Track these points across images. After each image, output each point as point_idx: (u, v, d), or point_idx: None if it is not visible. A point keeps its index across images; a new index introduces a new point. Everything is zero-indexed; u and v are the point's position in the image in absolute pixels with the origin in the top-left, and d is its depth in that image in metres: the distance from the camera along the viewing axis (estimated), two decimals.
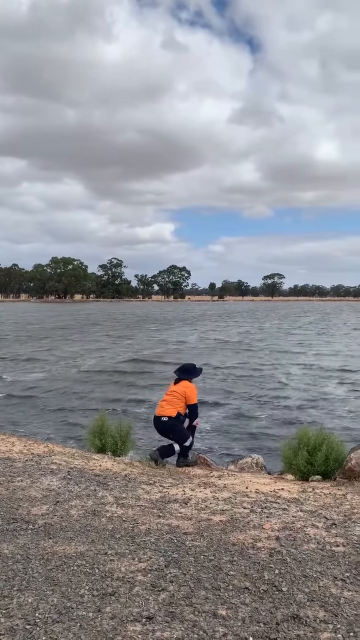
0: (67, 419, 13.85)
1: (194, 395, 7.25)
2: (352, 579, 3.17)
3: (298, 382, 19.03)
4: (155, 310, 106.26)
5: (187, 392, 7.18)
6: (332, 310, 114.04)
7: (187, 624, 2.68)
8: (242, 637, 2.57)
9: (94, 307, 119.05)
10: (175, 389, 7.26)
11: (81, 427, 10.97)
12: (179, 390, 7.21)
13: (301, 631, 2.62)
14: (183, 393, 7.16)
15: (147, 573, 3.23)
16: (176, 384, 7.36)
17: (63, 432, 12.46)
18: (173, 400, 7.13)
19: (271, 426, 12.82)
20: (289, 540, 3.79)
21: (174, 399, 7.15)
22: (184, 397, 7.14)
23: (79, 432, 11.39)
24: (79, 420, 13.00)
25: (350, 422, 13.26)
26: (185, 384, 7.30)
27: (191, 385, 7.33)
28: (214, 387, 17.85)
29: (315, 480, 6.18)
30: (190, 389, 7.25)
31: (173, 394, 7.20)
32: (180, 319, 70.44)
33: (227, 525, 4.08)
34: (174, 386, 7.34)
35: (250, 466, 7.27)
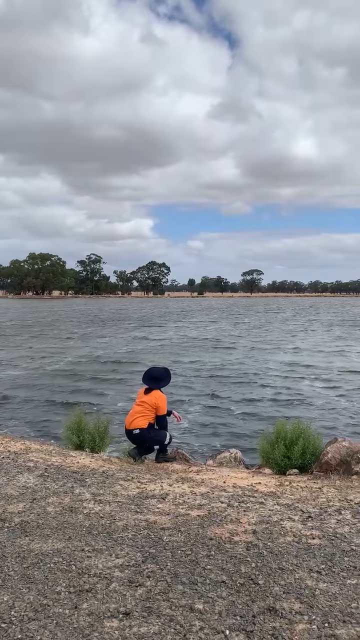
0: (44, 416, 13.75)
1: (165, 406, 7.03)
2: (327, 570, 3.21)
3: (275, 377, 19.17)
4: (133, 307, 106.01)
5: (159, 403, 6.95)
6: (309, 306, 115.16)
7: (164, 618, 2.68)
8: (219, 630, 2.58)
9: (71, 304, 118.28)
10: (145, 400, 6.99)
11: (59, 425, 10.90)
12: (149, 401, 6.96)
13: (277, 623, 2.64)
14: (154, 405, 6.93)
15: (124, 569, 3.23)
16: (146, 393, 7.09)
17: (40, 429, 12.36)
18: (143, 412, 6.92)
19: (250, 421, 12.91)
20: (266, 533, 3.82)
21: (145, 410, 6.93)
22: (155, 408, 6.94)
23: (56, 429, 11.31)
24: (57, 418, 12.91)
25: (327, 416, 13.42)
26: (156, 394, 7.05)
27: (162, 396, 7.08)
28: (192, 383, 17.89)
29: (293, 473, 6.24)
30: (162, 399, 7.02)
31: (143, 405, 6.96)
32: (159, 316, 70.39)
33: (205, 520, 4.10)
34: (144, 396, 7.07)
35: (228, 461, 7.30)
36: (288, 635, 2.54)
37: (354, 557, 3.41)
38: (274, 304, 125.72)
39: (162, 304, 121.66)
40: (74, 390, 17.23)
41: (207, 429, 12.11)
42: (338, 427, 12.24)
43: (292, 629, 2.59)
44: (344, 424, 12.61)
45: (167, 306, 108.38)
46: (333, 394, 16.19)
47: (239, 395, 16.01)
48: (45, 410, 14.37)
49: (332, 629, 2.58)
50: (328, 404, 14.79)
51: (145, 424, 6.87)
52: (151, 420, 6.95)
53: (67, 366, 22.72)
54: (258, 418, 13.10)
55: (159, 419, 7.00)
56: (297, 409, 14.24)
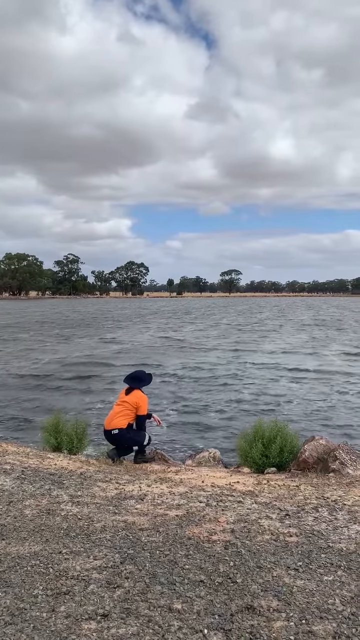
0: (20, 418, 13.60)
1: (146, 406, 7.06)
2: (305, 567, 3.24)
3: (252, 378, 19.28)
4: (110, 307, 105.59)
5: (140, 403, 6.97)
6: (286, 305, 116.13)
7: (142, 619, 2.68)
8: (197, 629, 2.59)
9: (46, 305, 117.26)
10: (126, 399, 7.01)
11: (36, 426, 10.79)
12: (130, 400, 6.98)
13: (255, 621, 2.65)
14: (135, 404, 6.95)
15: (102, 570, 3.21)
16: (127, 393, 7.10)
17: (16, 431, 12.22)
18: (124, 412, 6.92)
19: (228, 421, 12.95)
20: (244, 532, 3.83)
21: (125, 409, 6.93)
22: (136, 407, 6.95)
23: (33, 431, 11.19)
24: (34, 420, 12.78)
25: (304, 415, 13.54)
26: (137, 394, 7.07)
27: (144, 396, 7.11)
28: (170, 384, 17.88)
29: (271, 472, 6.28)
30: (143, 399, 7.04)
31: (124, 405, 6.97)
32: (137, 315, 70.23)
33: (183, 520, 4.10)
34: (125, 396, 7.08)
35: (207, 460, 7.32)
36: (266, 632, 2.55)
37: (330, 553, 3.45)
38: (252, 304, 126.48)
39: (141, 305, 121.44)
40: (50, 392, 17.07)
41: (186, 429, 12.12)
42: (315, 425, 12.36)
43: (270, 626, 2.61)
44: (320, 422, 12.74)
45: (145, 307, 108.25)
46: (309, 393, 16.35)
47: (217, 395, 16.05)
48: (21, 413, 14.22)
49: (309, 626, 2.61)
50: (305, 403, 14.92)
51: (125, 424, 6.86)
52: (131, 420, 6.94)
53: (42, 368, 22.49)
54: (236, 418, 13.15)
55: (139, 419, 6.99)
56: (275, 408, 14.33)
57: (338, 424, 12.57)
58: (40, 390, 17.16)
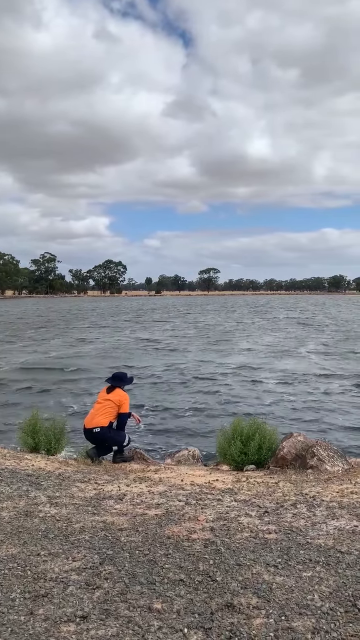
0: None
1: (128, 405, 7.09)
2: (284, 564, 3.26)
3: (230, 377, 19.35)
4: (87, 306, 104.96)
5: (122, 400, 7.00)
6: (263, 304, 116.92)
7: (122, 620, 2.66)
8: (177, 629, 2.58)
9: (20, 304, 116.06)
10: (109, 397, 7.01)
11: (12, 427, 10.66)
12: (113, 398, 6.99)
13: (235, 619, 2.66)
14: (118, 401, 6.96)
15: (81, 572, 3.18)
16: (109, 392, 7.11)
17: None
18: (106, 410, 6.92)
19: (208, 419, 12.98)
20: (223, 530, 3.84)
21: (107, 408, 6.93)
22: (118, 405, 6.96)
23: (10, 432, 11.06)
24: (10, 420, 12.64)
25: (282, 412, 13.65)
26: (119, 392, 7.10)
27: (126, 394, 7.15)
28: (147, 384, 17.84)
29: (250, 469, 6.32)
30: (125, 397, 7.08)
31: (106, 403, 6.97)
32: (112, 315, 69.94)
33: (163, 519, 4.09)
34: (106, 394, 7.08)
35: (187, 459, 7.32)
36: (246, 630, 2.56)
37: (309, 550, 3.47)
38: (229, 302, 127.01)
39: (118, 303, 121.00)
40: (24, 394, 16.89)
41: (165, 429, 12.12)
42: (293, 423, 12.47)
43: (250, 623, 2.62)
44: (298, 419, 12.86)
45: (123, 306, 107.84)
46: (287, 392, 16.49)
47: (195, 395, 16.08)
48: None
49: (288, 622, 2.62)
50: (282, 401, 15.05)
51: (107, 422, 6.86)
52: (112, 419, 6.94)
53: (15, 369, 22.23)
54: (215, 417, 13.19)
55: (121, 417, 7.01)
56: (254, 406, 14.42)
57: (316, 421, 12.70)
58: (12, 393, 16.97)
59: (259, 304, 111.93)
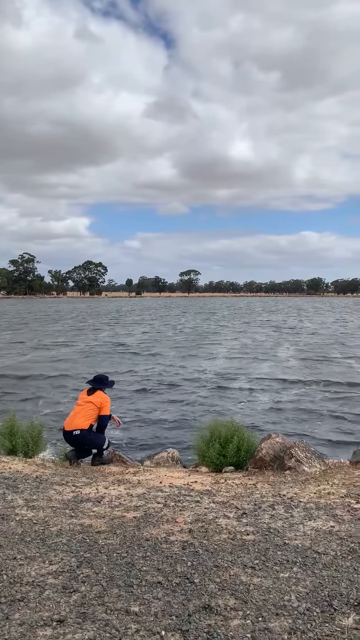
0: None
1: (109, 407, 7.08)
2: (261, 565, 3.27)
3: (209, 379, 19.38)
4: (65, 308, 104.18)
5: (104, 403, 6.97)
6: (244, 305, 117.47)
7: (99, 623, 2.64)
8: (154, 631, 2.57)
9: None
10: (90, 400, 6.98)
11: None
12: (94, 401, 6.96)
13: (212, 620, 2.66)
14: (99, 404, 6.94)
15: (58, 575, 3.16)
16: (90, 394, 7.07)
17: None
18: (87, 412, 6.89)
19: (187, 421, 12.98)
20: (201, 532, 3.84)
21: (88, 410, 6.90)
22: (99, 407, 6.93)
23: None
24: None
25: (260, 414, 13.72)
26: (101, 394, 7.08)
27: (107, 397, 7.13)
28: (127, 387, 17.77)
29: (228, 471, 6.33)
30: (107, 399, 7.06)
31: (87, 405, 6.94)
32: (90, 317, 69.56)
33: (141, 521, 4.08)
34: (87, 396, 7.05)
35: (166, 461, 7.31)
36: (223, 631, 2.56)
37: (286, 550, 3.50)
38: (209, 305, 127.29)
39: (97, 305, 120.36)
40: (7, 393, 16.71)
41: (145, 431, 12.09)
42: (271, 424, 12.55)
43: (227, 625, 2.62)
44: (277, 421, 12.94)
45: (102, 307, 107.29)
46: (265, 395, 16.58)
47: (175, 398, 16.08)
48: None
49: (265, 623, 2.63)
50: (260, 404, 15.13)
51: (87, 425, 6.82)
52: (92, 421, 6.91)
53: None
54: (195, 419, 13.20)
55: (102, 419, 6.98)
56: (232, 409, 14.47)
57: (294, 423, 12.79)
58: None
59: (238, 307, 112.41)
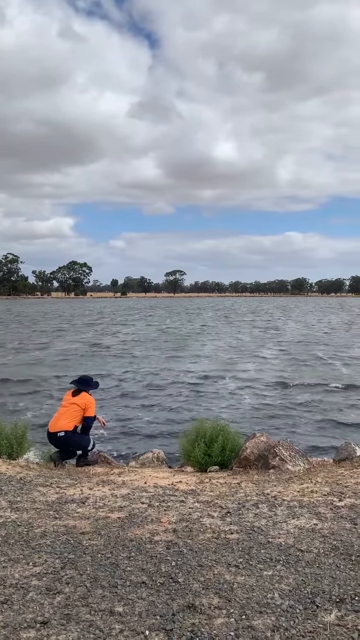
0: None
1: (94, 409, 7.08)
2: (245, 564, 3.29)
3: (194, 380, 19.41)
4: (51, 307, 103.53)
5: (88, 404, 6.97)
6: (229, 306, 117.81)
7: (83, 624, 2.64)
8: (139, 631, 2.58)
9: None
10: (75, 401, 6.97)
11: None
12: (79, 402, 6.95)
13: (196, 619, 2.67)
14: (84, 405, 6.93)
15: (42, 577, 3.15)
16: (75, 395, 7.07)
17: None
18: (71, 413, 6.88)
19: (173, 422, 13.00)
20: (186, 531, 3.86)
21: (73, 411, 6.89)
22: (84, 409, 6.92)
23: None
24: None
25: (245, 414, 13.78)
26: (85, 395, 7.07)
27: (92, 398, 7.13)
28: (111, 389, 17.73)
29: (213, 470, 6.36)
30: (91, 401, 7.06)
31: (72, 406, 6.93)
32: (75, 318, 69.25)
33: (125, 522, 4.08)
34: (72, 398, 7.04)
35: (151, 461, 7.32)
36: (207, 630, 2.58)
37: (270, 549, 3.52)
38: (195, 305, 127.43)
39: (82, 306, 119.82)
40: None
41: (130, 432, 12.08)
42: (256, 423, 12.61)
43: (211, 623, 2.64)
44: (261, 421, 13.01)
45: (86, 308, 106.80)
46: (250, 395, 16.66)
47: (161, 399, 16.08)
48: None
49: (249, 621, 2.65)
50: (245, 404, 15.19)
51: (71, 426, 6.80)
52: (77, 423, 6.89)
53: None
54: (180, 419, 13.22)
55: (86, 420, 6.96)
56: (218, 409, 14.52)
57: (278, 423, 12.87)
58: None
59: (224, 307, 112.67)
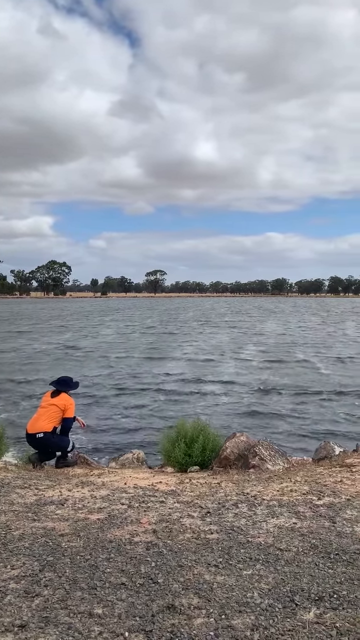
0: None
1: (73, 410, 7.03)
2: (225, 563, 3.30)
3: (173, 381, 19.41)
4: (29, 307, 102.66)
5: (67, 405, 6.92)
6: (210, 306, 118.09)
7: (62, 627, 2.62)
8: (118, 633, 2.56)
9: None
10: (54, 402, 6.91)
11: None
12: (58, 403, 6.90)
13: (176, 620, 2.67)
14: (63, 406, 6.88)
15: (20, 580, 3.11)
16: (54, 396, 7.01)
17: None
18: (50, 414, 6.82)
19: (153, 422, 12.98)
20: (166, 532, 3.85)
21: (52, 412, 6.83)
22: (63, 410, 6.87)
23: None
24: None
25: (225, 415, 13.83)
26: (65, 396, 7.02)
27: (71, 399, 7.08)
28: (91, 391, 17.63)
29: (193, 470, 6.36)
30: (71, 402, 7.01)
31: (51, 408, 6.87)
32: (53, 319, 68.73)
33: (105, 523, 4.06)
34: (51, 399, 6.98)
35: (131, 462, 7.29)
36: (186, 630, 2.57)
37: (249, 548, 3.54)
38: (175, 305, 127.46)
39: (61, 306, 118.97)
40: None
41: (111, 433, 12.03)
42: (236, 425, 12.65)
43: (191, 624, 2.63)
44: (241, 422, 13.06)
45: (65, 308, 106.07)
46: (229, 395, 16.72)
47: (141, 400, 16.05)
48: None
49: (228, 620, 2.66)
50: (225, 404, 15.25)
51: (50, 427, 6.74)
52: (56, 424, 6.83)
53: None
54: (160, 419, 13.21)
55: (66, 421, 6.91)
56: (198, 409, 14.54)
57: (259, 422, 12.95)
58: None
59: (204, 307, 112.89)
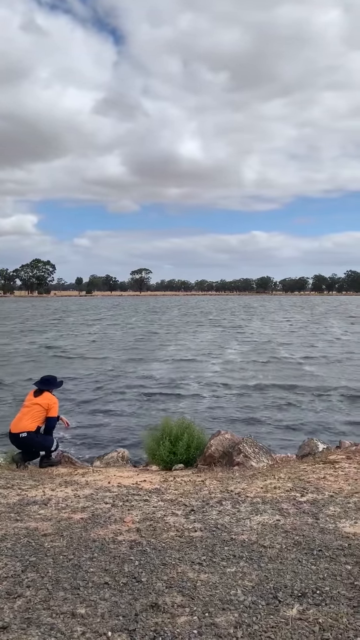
0: None
1: (57, 409, 7.01)
2: (208, 561, 3.30)
3: (159, 380, 19.40)
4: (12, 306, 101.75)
5: (51, 404, 6.91)
6: (195, 304, 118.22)
7: (44, 628, 2.59)
8: (101, 633, 2.55)
9: None
10: (37, 401, 6.89)
11: None
12: (41, 402, 6.88)
13: (159, 618, 2.66)
14: (46, 405, 6.86)
15: (2, 581, 3.08)
16: (37, 395, 6.99)
17: None
18: (34, 414, 6.80)
19: (138, 421, 12.95)
20: (149, 530, 3.84)
21: (35, 412, 6.81)
22: (47, 409, 6.85)
23: None
24: None
25: (210, 413, 13.84)
26: (48, 395, 7.00)
27: (54, 398, 7.06)
28: (75, 390, 17.54)
29: (178, 468, 6.36)
30: (54, 401, 6.99)
31: (34, 407, 6.85)
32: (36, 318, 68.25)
33: (88, 522, 4.03)
34: (34, 398, 6.96)
35: (115, 460, 7.27)
36: (170, 629, 2.57)
37: (233, 545, 3.54)
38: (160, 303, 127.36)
39: (44, 305, 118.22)
40: None
41: (95, 432, 11.97)
42: (221, 423, 12.68)
43: (174, 622, 2.63)
44: (226, 420, 13.09)
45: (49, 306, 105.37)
46: (214, 394, 16.74)
47: (126, 398, 16.01)
48: None
49: (212, 618, 2.65)
50: (210, 403, 15.27)
51: (34, 427, 6.70)
52: (40, 423, 6.79)
53: None
54: (145, 417, 13.19)
55: (49, 421, 6.88)
56: (183, 408, 14.54)
57: (243, 420, 12.98)
58: None
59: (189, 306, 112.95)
